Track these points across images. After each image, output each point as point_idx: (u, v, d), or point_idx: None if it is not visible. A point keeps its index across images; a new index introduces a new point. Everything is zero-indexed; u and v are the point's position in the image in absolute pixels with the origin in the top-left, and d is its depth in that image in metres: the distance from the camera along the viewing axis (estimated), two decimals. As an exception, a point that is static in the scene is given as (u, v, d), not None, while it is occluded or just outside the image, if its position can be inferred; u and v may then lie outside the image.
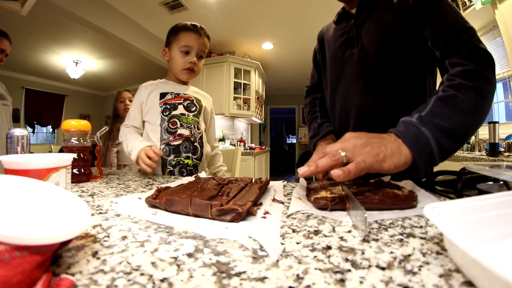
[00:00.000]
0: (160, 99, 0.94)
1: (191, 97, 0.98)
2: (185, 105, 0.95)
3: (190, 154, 0.91)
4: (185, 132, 0.92)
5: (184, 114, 0.93)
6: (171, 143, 0.90)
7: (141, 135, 0.96)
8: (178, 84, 1.00)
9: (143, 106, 0.96)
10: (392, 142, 0.43)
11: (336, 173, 0.37)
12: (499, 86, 2.56)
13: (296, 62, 4.40)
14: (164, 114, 0.92)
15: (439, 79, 0.64)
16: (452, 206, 0.24)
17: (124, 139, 0.91)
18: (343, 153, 0.41)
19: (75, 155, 0.50)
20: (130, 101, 1.58)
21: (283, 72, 5.10)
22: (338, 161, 0.40)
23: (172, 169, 0.89)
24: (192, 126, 0.93)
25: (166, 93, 0.95)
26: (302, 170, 0.40)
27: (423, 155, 0.43)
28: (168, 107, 0.93)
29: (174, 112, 0.92)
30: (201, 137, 0.96)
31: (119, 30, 2.95)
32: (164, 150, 0.89)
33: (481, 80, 0.49)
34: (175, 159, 0.89)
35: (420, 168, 0.43)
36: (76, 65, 4.40)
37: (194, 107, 0.97)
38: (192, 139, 0.92)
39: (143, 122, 0.97)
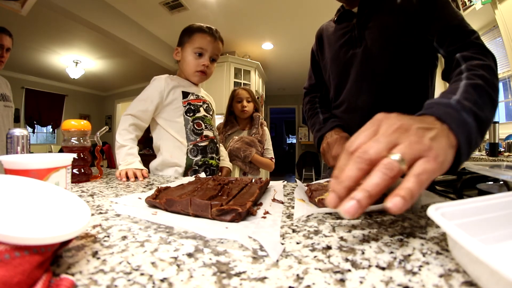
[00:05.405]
0: (183, 98, 0.92)
1: (207, 101, 1.01)
2: (204, 107, 0.98)
3: (214, 155, 0.96)
4: (210, 133, 0.95)
5: (206, 116, 0.97)
6: (199, 144, 0.92)
7: (142, 131, 0.89)
8: (191, 85, 1.00)
9: (162, 99, 0.88)
10: (439, 130, 0.29)
11: (396, 205, 0.23)
12: (499, 86, 2.56)
13: (296, 62, 4.39)
14: (188, 114, 0.92)
15: (438, 79, 0.64)
16: (455, 207, 0.24)
17: (120, 138, 0.83)
18: (396, 157, 0.25)
19: (75, 155, 0.50)
20: (248, 101, 1.52)
21: (283, 72, 5.09)
22: (396, 176, 0.24)
23: (197, 168, 0.90)
24: (213, 128, 0.98)
25: (188, 93, 0.95)
26: (347, 206, 0.24)
27: (469, 147, 0.32)
28: (192, 108, 0.94)
29: (197, 114, 0.94)
30: (217, 138, 1.01)
31: (119, 30, 2.95)
32: (192, 150, 0.90)
33: (497, 80, 0.48)
34: (202, 159, 0.91)
35: (461, 163, 0.32)
36: (76, 65, 4.40)
37: (211, 111, 1.01)
38: (215, 140, 0.97)
39: (153, 117, 0.91)
